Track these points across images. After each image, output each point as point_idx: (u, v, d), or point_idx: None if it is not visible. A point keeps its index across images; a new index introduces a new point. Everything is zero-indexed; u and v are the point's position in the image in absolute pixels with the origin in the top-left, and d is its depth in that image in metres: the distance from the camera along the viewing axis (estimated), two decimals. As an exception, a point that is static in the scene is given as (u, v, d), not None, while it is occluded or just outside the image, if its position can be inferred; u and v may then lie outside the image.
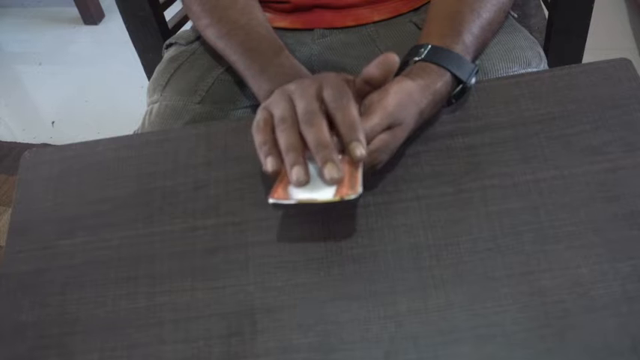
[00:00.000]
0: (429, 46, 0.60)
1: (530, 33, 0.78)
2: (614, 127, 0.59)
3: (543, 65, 0.73)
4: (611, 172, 0.56)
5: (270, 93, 0.60)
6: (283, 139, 0.52)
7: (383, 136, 0.54)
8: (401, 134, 0.56)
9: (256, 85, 0.66)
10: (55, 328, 0.54)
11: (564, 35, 0.87)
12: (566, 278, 0.51)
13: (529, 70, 0.70)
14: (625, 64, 0.63)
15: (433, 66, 0.59)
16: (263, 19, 0.71)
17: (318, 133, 0.51)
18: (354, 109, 0.53)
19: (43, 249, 0.59)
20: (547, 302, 0.50)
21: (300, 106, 0.53)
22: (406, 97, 0.55)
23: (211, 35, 0.72)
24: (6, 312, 0.55)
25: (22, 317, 0.55)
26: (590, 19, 0.86)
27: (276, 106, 0.54)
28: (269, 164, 0.52)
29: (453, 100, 0.61)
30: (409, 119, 0.56)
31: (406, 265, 0.53)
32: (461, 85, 0.60)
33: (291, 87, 0.55)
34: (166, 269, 0.56)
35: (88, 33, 2.13)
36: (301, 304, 0.52)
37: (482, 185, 0.57)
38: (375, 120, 0.53)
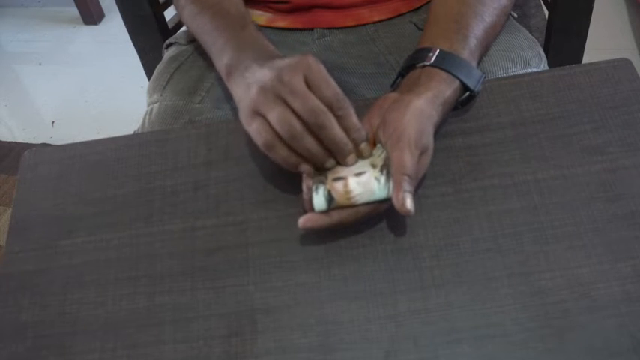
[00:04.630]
0: (438, 51, 0.60)
1: (530, 33, 0.78)
2: (614, 127, 0.59)
3: (543, 65, 0.73)
4: (611, 172, 0.56)
5: (229, 68, 0.60)
6: (305, 152, 0.53)
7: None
8: (426, 161, 0.56)
9: (218, 62, 0.63)
10: (55, 328, 0.54)
11: (564, 35, 0.87)
12: (566, 278, 0.51)
13: (529, 70, 0.70)
14: (625, 64, 0.63)
15: (443, 73, 0.59)
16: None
17: (335, 135, 0.53)
18: (352, 110, 0.54)
19: (43, 249, 0.59)
20: (547, 302, 0.50)
21: (300, 107, 0.52)
22: (422, 120, 0.55)
23: (186, 17, 0.72)
24: (6, 312, 0.56)
25: (22, 317, 0.55)
26: (590, 19, 0.86)
27: (269, 110, 0.53)
28: (305, 170, 0.55)
29: (459, 106, 0.61)
30: (430, 141, 0.56)
31: (406, 265, 0.53)
32: (468, 92, 0.60)
33: (273, 82, 0.53)
34: (166, 269, 0.56)
35: (88, 33, 2.13)
36: (301, 304, 0.52)
37: (482, 185, 0.57)
38: (408, 158, 0.53)
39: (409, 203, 0.51)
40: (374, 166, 0.54)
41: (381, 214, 0.56)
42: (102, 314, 0.54)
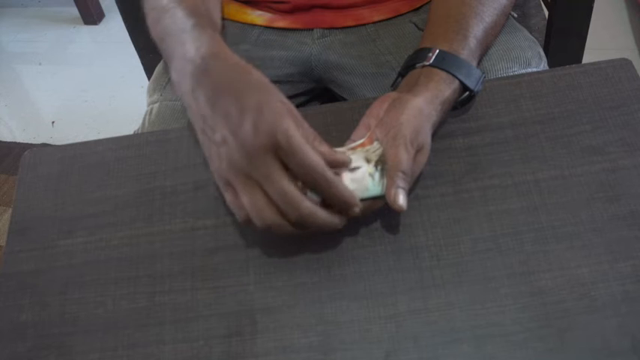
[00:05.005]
0: (437, 51, 0.60)
1: (530, 33, 0.78)
2: (614, 127, 0.59)
3: (543, 65, 0.73)
4: (611, 172, 0.56)
5: (178, 85, 0.55)
6: (285, 234, 0.51)
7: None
8: (423, 159, 0.56)
9: (170, 68, 0.58)
10: (55, 328, 0.54)
11: (564, 35, 0.87)
12: (566, 278, 0.51)
13: (529, 70, 0.70)
14: (625, 64, 0.63)
15: (442, 73, 0.59)
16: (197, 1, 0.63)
17: (318, 224, 0.50)
18: (334, 179, 0.49)
19: (43, 249, 0.59)
20: (547, 302, 0.50)
21: (276, 197, 0.48)
22: (420, 119, 0.55)
23: (149, 25, 0.65)
24: (6, 312, 0.56)
25: (22, 317, 0.55)
26: (590, 19, 0.86)
27: (241, 191, 0.49)
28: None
29: (459, 106, 0.61)
30: (427, 139, 0.56)
31: (406, 265, 0.53)
32: (467, 92, 0.60)
33: (243, 162, 0.48)
34: (166, 269, 0.56)
35: (88, 33, 2.13)
36: (301, 304, 0.52)
37: (482, 185, 0.57)
38: (403, 155, 0.53)
39: (401, 199, 0.51)
40: (368, 161, 0.54)
41: (381, 215, 0.56)
42: (102, 314, 0.54)
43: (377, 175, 0.53)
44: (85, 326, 0.54)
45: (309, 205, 0.49)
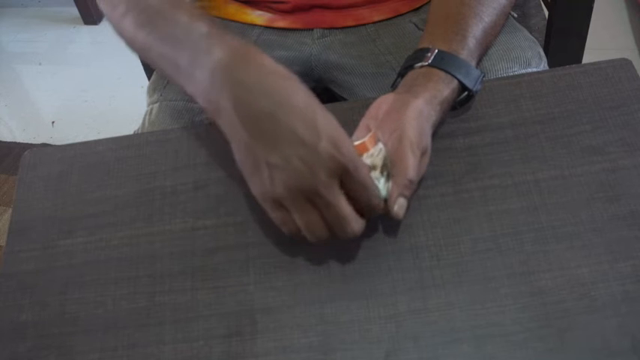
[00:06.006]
0: (436, 51, 0.60)
1: (530, 33, 0.78)
2: (614, 127, 0.59)
3: (543, 65, 0.73)
4: (611, 172, 0.56)
5: (208, 99, 0.52)
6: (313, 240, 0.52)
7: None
8: (426, 160, 0.56)
9: (188, 80, 0.54)
10: (55, 328, 0.54)
11: (564, 35, 0.87)
12: (566, 278, 0.51)
13: (529, 70, 0.70)
14: (625, 64, 0.63)
15: (441, 73, 0.59)
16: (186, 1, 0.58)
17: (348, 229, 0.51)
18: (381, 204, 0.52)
19: (43, 249, 0.59)
20: (547, 302, 0.50)
21: (331, 219, 0.50)
22: (421, 121, 0.55)
23: (129, 26, 0.59)
24: (6, 312, 0.56)
25: (22, 317, 0.55)
26: (590, 19, 0.86)
27: (296, 211, 0.50)
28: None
29: (458, 106, 0.61)
30: (429, 141, 0.56)
31: (406, 265, 0.53)
32: (466, 92, 0.60)
33: (305, 184, 0.48)
34: (166, 269, 0.56)
35: (88, 33, 2.13)
36: (301, 304, 0.52)
37: (482, 185, 0.57)
38: (411, 161, 0.53)
39: (397, 207, 0.53)
40: (374, 168, 0.54)
41: (381, 215, 0.55)
42: (102, 314, 0.54)
43: (382, 180, 0.53)
44: (85, 326, 0.54)
45: (360, 225, 0.51)
